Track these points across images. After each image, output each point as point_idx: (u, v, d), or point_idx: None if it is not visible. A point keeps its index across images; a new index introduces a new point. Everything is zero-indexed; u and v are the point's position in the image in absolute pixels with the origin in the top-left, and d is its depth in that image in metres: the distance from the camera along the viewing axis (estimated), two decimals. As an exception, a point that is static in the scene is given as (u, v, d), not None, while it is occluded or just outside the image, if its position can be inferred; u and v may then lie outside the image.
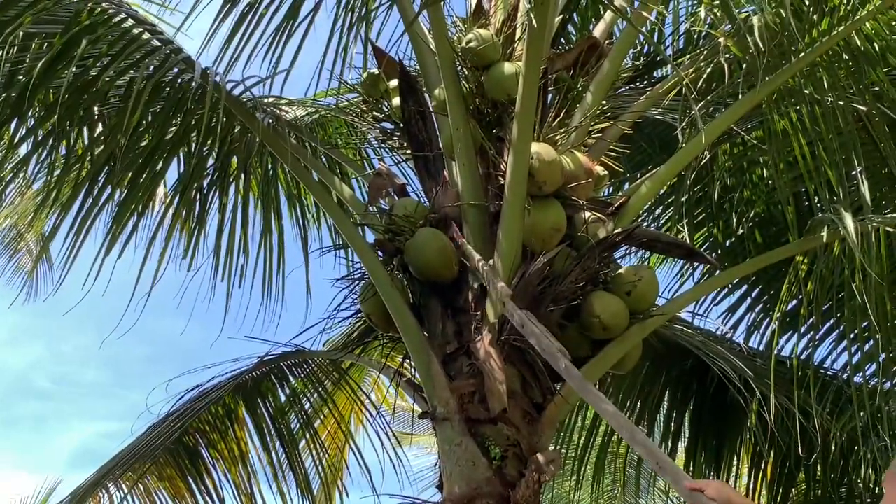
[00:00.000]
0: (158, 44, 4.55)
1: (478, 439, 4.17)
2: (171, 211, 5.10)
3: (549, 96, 4.63)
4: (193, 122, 4.77)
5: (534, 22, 3.81)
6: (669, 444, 6.27)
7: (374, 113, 5.27)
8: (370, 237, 4.86)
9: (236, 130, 5.04)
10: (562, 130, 4.55)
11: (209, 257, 5.51)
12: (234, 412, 5.89)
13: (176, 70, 4.57)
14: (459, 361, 4.37)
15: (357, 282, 4.97)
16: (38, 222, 7.13)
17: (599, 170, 4.70)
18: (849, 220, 4.18)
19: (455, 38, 4.59)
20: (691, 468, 6.11)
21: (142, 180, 4.84)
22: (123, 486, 5.82)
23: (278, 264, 5.73)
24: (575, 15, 6.09)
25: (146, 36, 4.53)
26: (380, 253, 4.66)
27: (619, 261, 5.02)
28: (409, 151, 5.07)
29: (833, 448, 5.68)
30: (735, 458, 6.29)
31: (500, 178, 4.46)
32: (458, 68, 4.53)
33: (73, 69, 4.21)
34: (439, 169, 4.79)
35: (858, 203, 4.71)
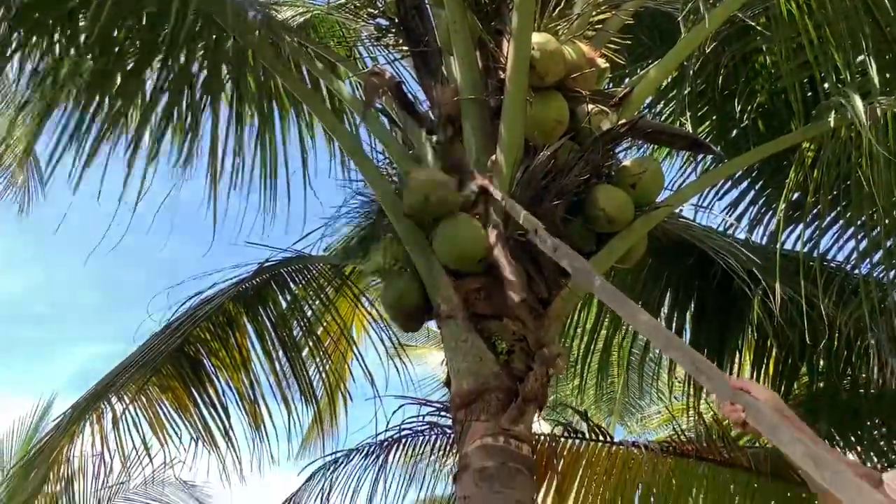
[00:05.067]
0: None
1: (484, 335, 4.12)
2: (163, 122, 4.93)
3: (548, -14, 4.48)
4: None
5: None
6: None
7: (369, 10, 5.12)
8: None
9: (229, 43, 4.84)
10: (562, 20, 4.42)
11: (203, 168, 5.38)
12: (234, 320, 5.82)
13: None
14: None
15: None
16: (25, 137, 6.91)
17: (601, 61, 4.59)
18: (858, 101, 4.08)
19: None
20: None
21: (129, 89, 4.67)
22: (125, 397, 5.74)
23: (273, 169, 5.61)
24: None
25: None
26: None
27: (620, 155, 4.92)
28: (405, 49, 4.93)
29: (837, 339, 5.67)
30: (738, 354, 6.28)
31: (501, 72, 4.35)
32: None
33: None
34: (437, 65, 4.67)
35: (866, 88, 4.59)
